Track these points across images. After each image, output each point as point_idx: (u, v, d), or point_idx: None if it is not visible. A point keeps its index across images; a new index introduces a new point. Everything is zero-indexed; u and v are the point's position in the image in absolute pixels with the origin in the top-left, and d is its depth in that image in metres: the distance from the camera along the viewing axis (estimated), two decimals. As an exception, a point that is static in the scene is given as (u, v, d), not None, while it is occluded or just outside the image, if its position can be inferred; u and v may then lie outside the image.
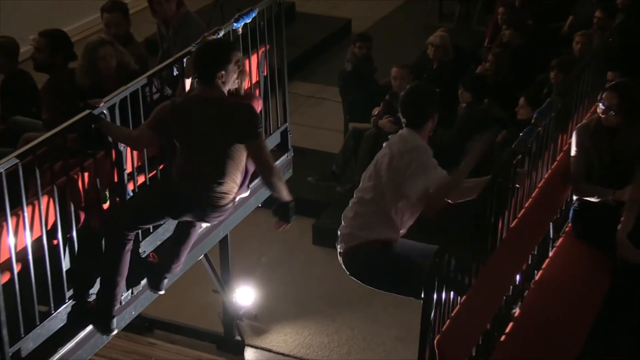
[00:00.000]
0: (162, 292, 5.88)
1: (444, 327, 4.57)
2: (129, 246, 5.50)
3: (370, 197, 5.14)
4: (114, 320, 5.57)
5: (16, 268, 5.06)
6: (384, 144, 5.26)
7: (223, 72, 5.30)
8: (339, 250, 5.28)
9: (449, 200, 5.36)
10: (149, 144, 5.60)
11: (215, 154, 5.35)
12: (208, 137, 5.32)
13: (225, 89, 5.38)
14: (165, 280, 5.83)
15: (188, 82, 6.13)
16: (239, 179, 5.48)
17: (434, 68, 9.42)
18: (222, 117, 5.32)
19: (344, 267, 5.29)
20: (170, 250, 5.83)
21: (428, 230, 5.12)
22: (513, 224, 5.33)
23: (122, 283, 5.56)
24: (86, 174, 5.46)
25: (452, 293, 4.59)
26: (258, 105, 6.35)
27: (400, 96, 5.32)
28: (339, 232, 5.29)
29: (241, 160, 5.43)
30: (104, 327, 5.56)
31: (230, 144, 5.34)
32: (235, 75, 5.40)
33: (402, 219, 5.15)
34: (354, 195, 5.27)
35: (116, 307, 5.58)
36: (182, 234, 5.77)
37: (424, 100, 5.25)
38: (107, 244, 5.52)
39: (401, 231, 5.20)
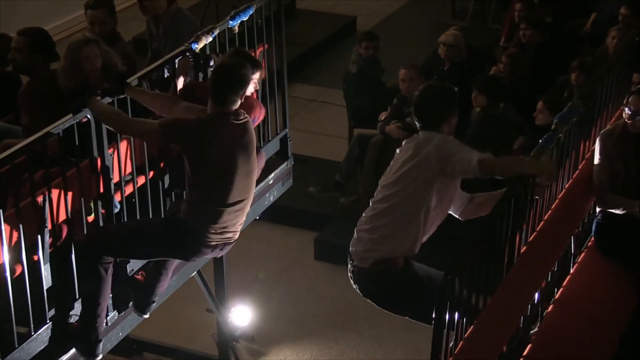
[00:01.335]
0: (146, 316, 5.87)
1: (457, 350, 4.57)
2: (111, 268, 5.48)
3: (393, 205, 5.04)
4: (100, 344, 5.56)
5: (-7, 285, 5.06)
6: (397, 150, 5.19)
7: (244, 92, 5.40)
8: (350, 268, 5.18)
9: (460, 218, 5.34)
10: (147, 139, 5.61)
11: (250, 179, 5.46)
12: (246, 162, 5.39)
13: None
14: (153, 305, 5.83)
15: (180, 83, 6.14)
16: None
17: (445, 69, 9.43)
18: (252, 136, 5.43)
19: (356, 286, 5.20)
20: (156, 266, 5.81)
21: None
22: (531, 238, 5.32)
23: (105, 304, 5.55)
24: (69, 184, 5.45)
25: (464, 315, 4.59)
26: (261, 114, 6.36)
27: (414, 96, 5.26)
28: (351, 248, 5.19)
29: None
30: (88, 352, 5.54)
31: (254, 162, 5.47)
32: (255, 83, 5.56)
33: (427, 225, 5.08)
34: (370, 205, 5.17)
35: (101, 330, 5.57)
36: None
37: (439, 100, 5.15)
38: (87, 265, 5.49)
39: (424, 238, 5.16)
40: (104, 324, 5.62)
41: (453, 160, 4.89)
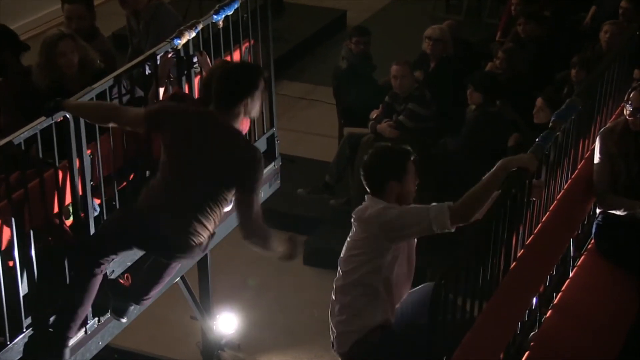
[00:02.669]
0: (124, 321, 5.86)
1: (453, 356, 4.58)
2: (97, 274, 5.45)
3: (350, 283, 5.05)
4: (67, 350, 5.55)
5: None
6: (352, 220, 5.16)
7: (249, 100, 5.27)
8: (336, 354, 5.21)
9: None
10: (132, 125, 5.51)
11: (202, 187, 5.31)
12: (204, 166, 5.28)
13: (245, 117, 5.36)
14: (131, 308, 5.81)
15: (162, 88, 6.14)
16: (213, 226, 5.43)
17: (431, 67, 9.43)
18: (229, 152, 5.28)
19: None
20: (145, 279, 5.79)
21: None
22: (529, 241, 5.34)
23: (83, 314, 5.54)
24: (46, 186, 5.45)
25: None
26: (246, 125, 6.37)
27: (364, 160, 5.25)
28: (331, 336, 5.22)
29: (224, 206, 5.40)
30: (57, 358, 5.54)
31: (222, 184, 5.31)
32: (259, 104, 5.37)
33: (394, 291, 5.06)
34: (334, 287, 5.18)
35: (70, 338, 5.55)
36: (158, 265, 5.73)
37: (378, 166, 5.14)
38: (74, 270, 5.53)
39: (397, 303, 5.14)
40: (75, 333, 5.59)
41: (404, 223, 4.90)
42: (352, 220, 5.13)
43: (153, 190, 5.40)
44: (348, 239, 5.14)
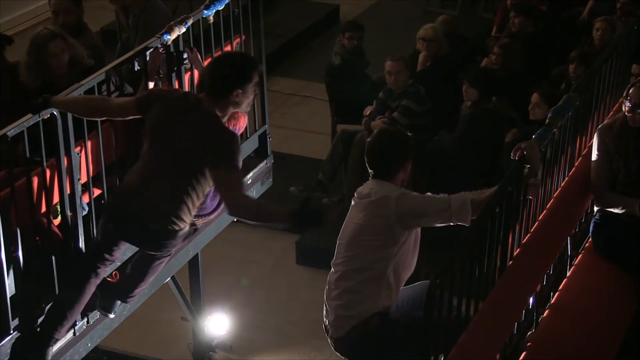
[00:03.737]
0: (112, 316, 5.86)
1: (448, 357, 4.58)
2: (92, 278, 5.48)
3: (355, 269, 5.07)
4: (50, 350, 5.54)
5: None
6: (352, 201, 5.20)
7: (240, 91, 5.22)
8: (331, 343, 5.24)
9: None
10: (122, 112, 5.51)
11: (178, 170, 5.26)
12: (178, 148, 5.24)
13: (235, 109, 5.34)
14: (118, 303, 5.81)
15: (151, 84, 6.14)
16: (192, 211, 5.37)
17: (427, 68, 9.43)
18: (202, 133, 5.23)
19: (341, 355, 5.25)
20: (130, 277, 5.79)
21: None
22: (525, 240, 5.34)
23: (72, 317, 5.54)
24: (34, 185, 5.45)
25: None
26: (244, 121, 6.36)
27: (367, 143, 5.27)
28: (324, 320, 5.24)
29: (204, 191, 5.34)
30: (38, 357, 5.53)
31: (198, 165, 5.24)
32: (251, 98, 5.32)
33: (400, 277, 5.11)
34: (332, 270, 5.20)
35: (57, 340, 5.55)
36: (142, 262, 5.73)
37: (393, 149, 5.17)
38: (74, 269, 5.56)
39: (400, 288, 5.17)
40: (62, 335, 5.58)
41: (424, 213, 4.99)
42: (354, 200, 5.14)
43: (133, 175, 5.40)
44: (350, 221, 5.15)
